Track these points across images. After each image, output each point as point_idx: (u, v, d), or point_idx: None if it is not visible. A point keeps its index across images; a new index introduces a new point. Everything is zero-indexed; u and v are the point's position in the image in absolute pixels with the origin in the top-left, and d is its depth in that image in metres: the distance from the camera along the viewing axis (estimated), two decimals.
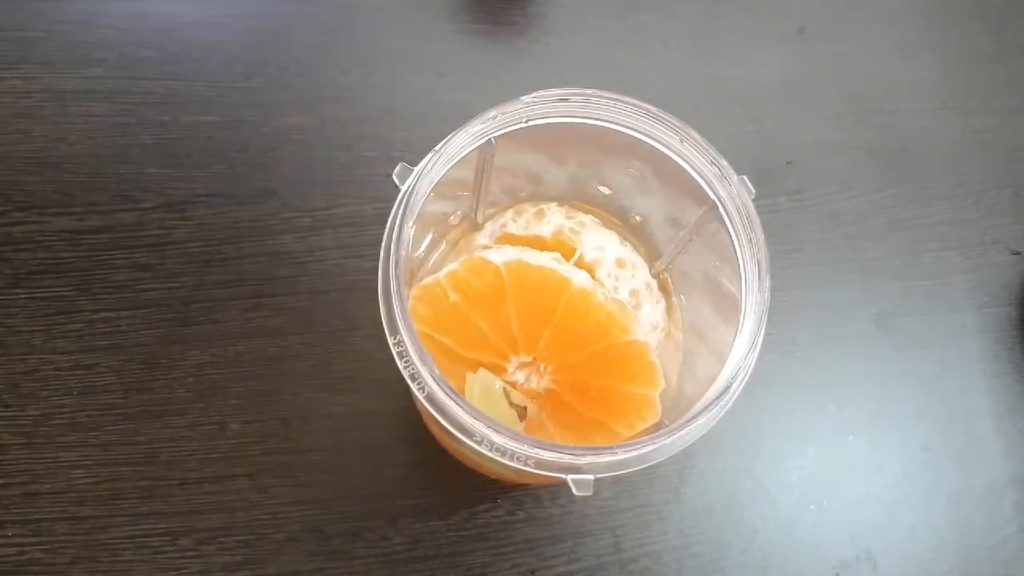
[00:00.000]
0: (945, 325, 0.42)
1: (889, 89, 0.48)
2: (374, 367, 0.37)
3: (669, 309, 0.34)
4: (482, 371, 0.29)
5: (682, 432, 0.24)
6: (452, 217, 0.34)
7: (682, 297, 0.34)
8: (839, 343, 0.41)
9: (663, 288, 0.34)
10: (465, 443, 0.24)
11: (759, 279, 0.27)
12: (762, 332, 0.26)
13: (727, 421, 0.25)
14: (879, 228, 0.44)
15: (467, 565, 0.35)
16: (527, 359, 0.29)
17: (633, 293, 0.33)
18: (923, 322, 0.42)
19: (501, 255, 0.30)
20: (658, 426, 0.29)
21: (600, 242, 0.33)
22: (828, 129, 0.47)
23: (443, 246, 0.34)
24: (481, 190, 0.32)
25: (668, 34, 0.48)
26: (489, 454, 0.23)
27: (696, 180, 0.29)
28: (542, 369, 0.29)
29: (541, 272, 0.29)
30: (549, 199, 0.35)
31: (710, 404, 0.25)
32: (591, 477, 0.24)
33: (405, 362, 0.24)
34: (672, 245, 0.33)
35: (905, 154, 0.47)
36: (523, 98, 0.28)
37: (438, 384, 0.23)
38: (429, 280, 0.30)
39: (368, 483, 0.35)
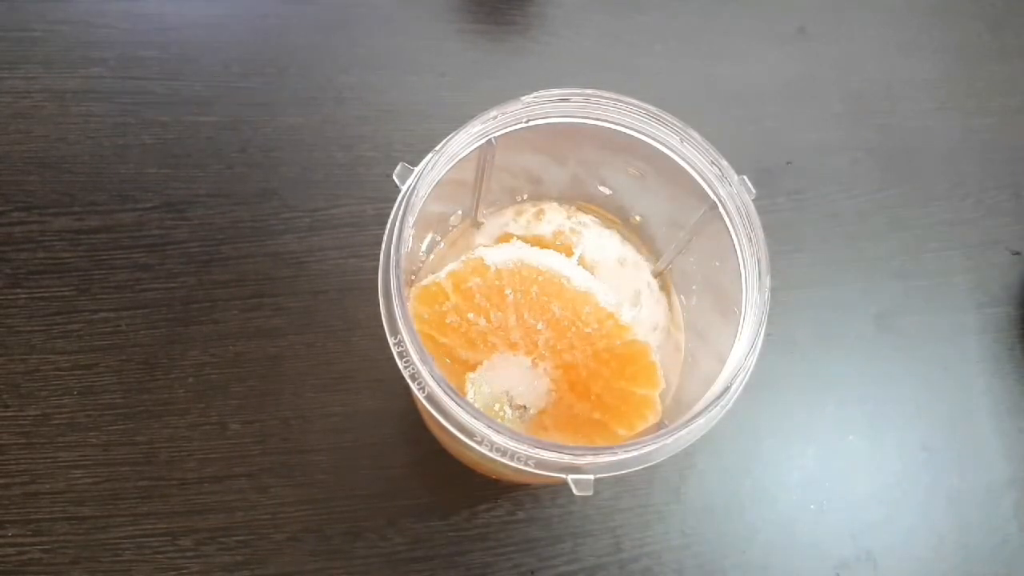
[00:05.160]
0: (945, 325, 0.42)
1: (889, 89, 0.48)
2: (374, 367, 0.37)
3: (669, 309, 0.34)
4: (482, 371, 0.29)
5: (682, 432, 0.24)
6: (452, 217, 0.34)
7: (682, 297, 0.34)
8: (839, 343, 0.41)
9: (663, 288, 0.34)
10: (465, 443, 0.24)
11: (759, 279, 0.27)
12: (762, 332, 0.26)
13: (727, 421, 0.25)
14: (879, 228, 0.44)
15: (467, 565, 0.35)
16: (527, 359, 0.29)
17: (634, 293, 0.33)
18: (923, 322, 0.42)
19: (501, 255, 0.30)
20: (658, 426, 0.29)
21: (600, 242, 0.33)
22: (828, 129, 0.47)
23: (443, 246, 0.34)
24: (481, 190, 0.32)
25: (668, 34, 0.48)
26: (489, 454, 0.23)
27: (696, 180, 0.29)
28: (542, 369, 0.29)
29: (540, 272, 0.29)
30: (549, 199, 0.35)
31: (710, 404, 0.25)
32: (591, 477, 0.24)
33: (405, 362, 0.24)
34: (672, 245, 0.33)
35: (905, 154, 0.47)
36: (523, 98, 0.28)
37: (438, 384, 0.23)
38: (429, 280, 0.30)
39: (368, 483, 0.35)
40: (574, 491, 0.23)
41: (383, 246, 0.26)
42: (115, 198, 0.40)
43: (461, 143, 0.28)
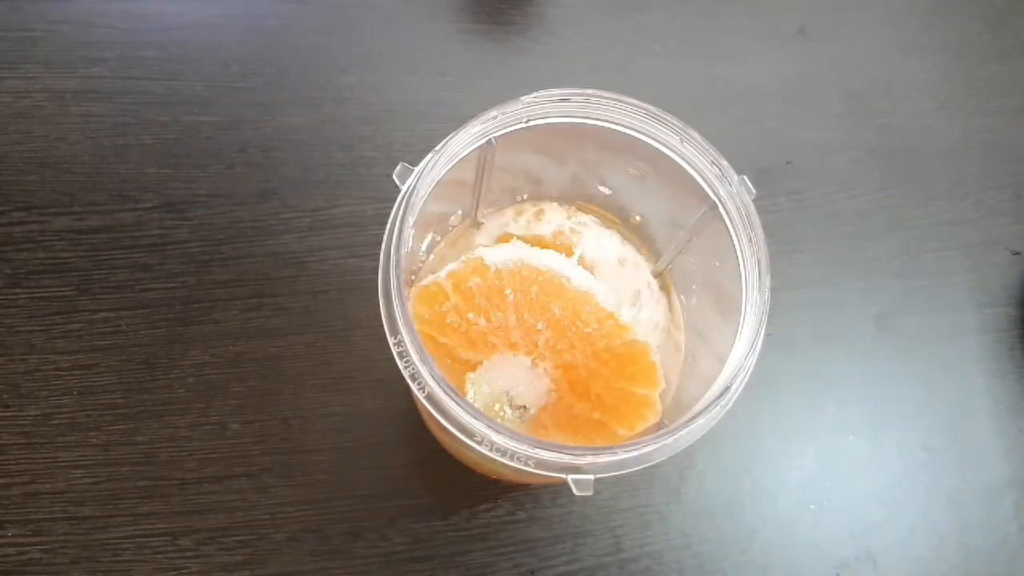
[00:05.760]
0: (945, 325, 0.42)
1: (889, 89, 0.48)
2: (374, 367, 0.37)
3: (669, 309, 0.34)
4: (482, 371, 0.29)
5: (682, 432, 0.24)
6: (452, 217, 0.34)
7: (682, 297, 0.34)
8: (839, 343, 0.41)
9: (663, 288, 0.34)
10: (465, 443, 0.24)
11: (759, 279, 0.27)
12: (762, 332, 0.26)
13: (727, 421, 0.25)
14: (879, 228, 0.44)
15: (467, 565, 0.35)
16: (527, 359, 0.29)
17: (634, 293, 0.33)
18: (923, 322, 0.42)
19: (501, 255, 0.30)
20: (658, 426, 0.29)
21: (600, 242, 0.33)
22: (828, 129, 0.47)
23: (443, 246, 0.34)
24: (481, 190, 0.32)
25: (668, 34, 0.48)
26: (489, 454, 0.23)
27: (696, 180, 0.29)
28: (542, 369, 0.29)
29: (540, 272, 0.29)
30: (549, 199, 0.35)
31: (710, 404, 0.25)
32: (591, 477, 0.24)
33: (405, 362, 0.24)
34: (672, 245, 0.33)
35: (905, 154, 0.47)
36: (523, 98, 0.28)
37: (438, 384, 0.23)
38: (429, 280, 0.30)
39: (368, 483, 0.35)
40: (574, 491, 0.23)
41: (383, 246, 0.26)
42: (115, 198, 0.40)
43: (461, 143, 0.28)
